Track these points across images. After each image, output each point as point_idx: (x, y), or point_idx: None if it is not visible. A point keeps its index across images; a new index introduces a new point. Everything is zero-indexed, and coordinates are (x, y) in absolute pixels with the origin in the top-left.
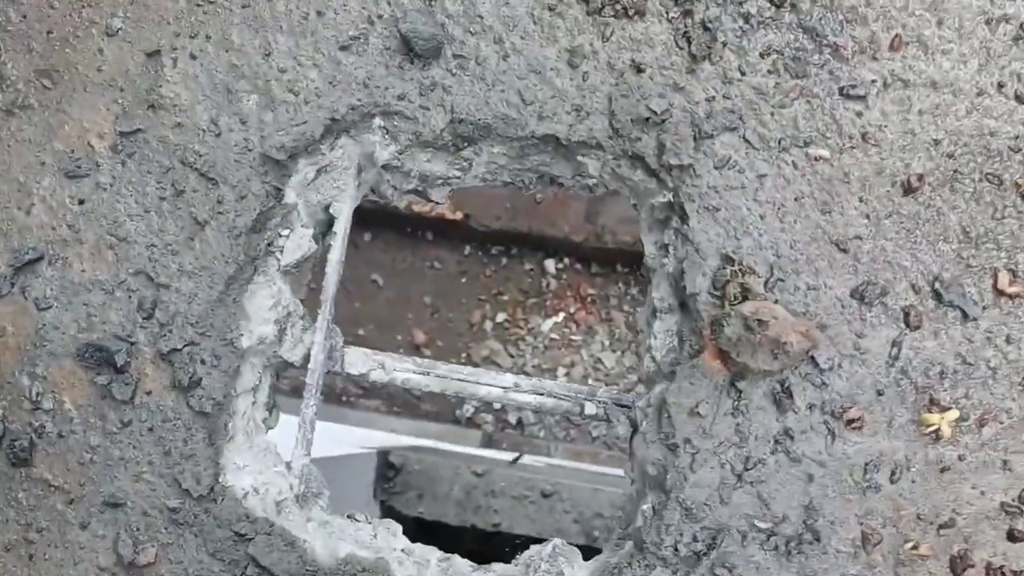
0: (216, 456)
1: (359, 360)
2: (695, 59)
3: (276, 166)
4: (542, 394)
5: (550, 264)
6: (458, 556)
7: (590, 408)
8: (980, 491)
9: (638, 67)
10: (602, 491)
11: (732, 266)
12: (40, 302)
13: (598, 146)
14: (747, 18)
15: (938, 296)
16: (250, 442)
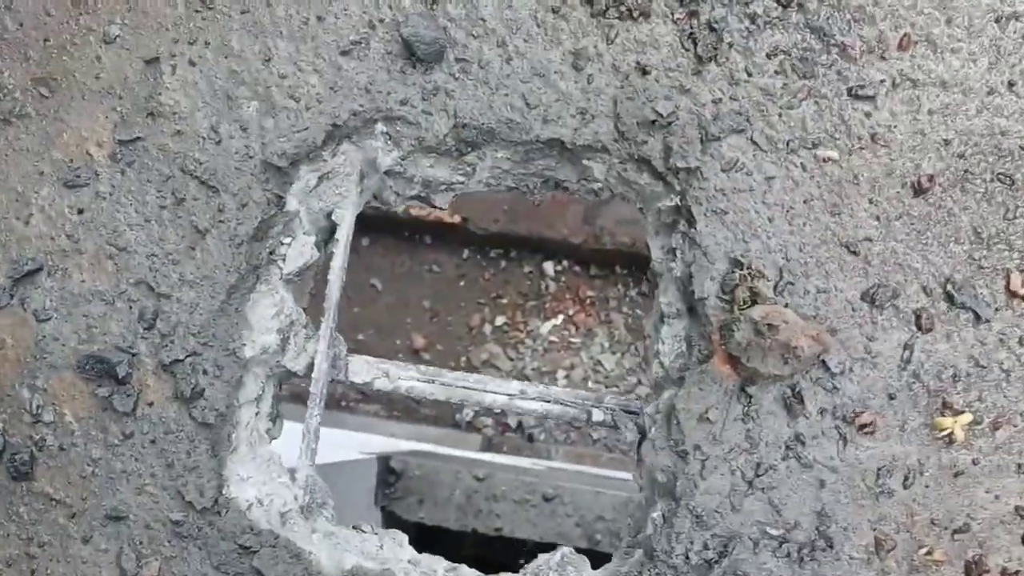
0: (219, 468)
1: (363, 369)
2: (701, 60)
3: (277, 173)
4: (548, 401)
5: (549, 267)
6: (465, 566)
7: (597, 415)
8: (994, 495)
9: (643, 69)
10: (604, 494)
11: (741, 270)
12: (40, 313)
13: (604, 150)
14: (753, 18)
15: (950, 298)
16: (254, 453)
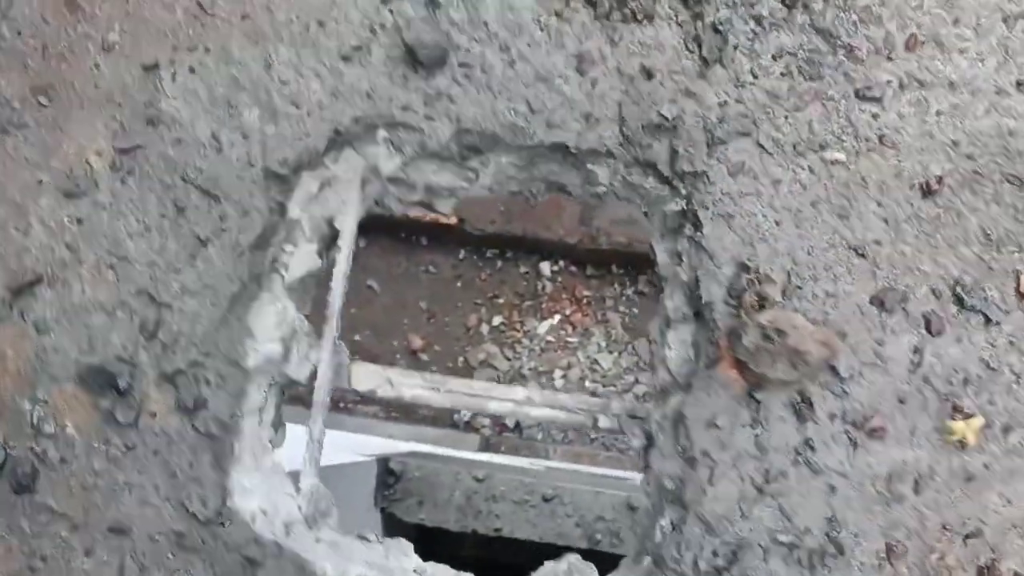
0: (223, 479)
1: (366, 376)
2: (706, 63)
3: (279, 181)
4: (554, 408)
5: (545, 267)
6: (472, 575)
7: (604, 421)
8: (1007, 499)
9: (648, 72)
10: (604, 494)
11: (748, 274)
12: (40, 325)
13: (608, 154)
14: (759, 20)
15: (960, 301)
16: (257, 463)
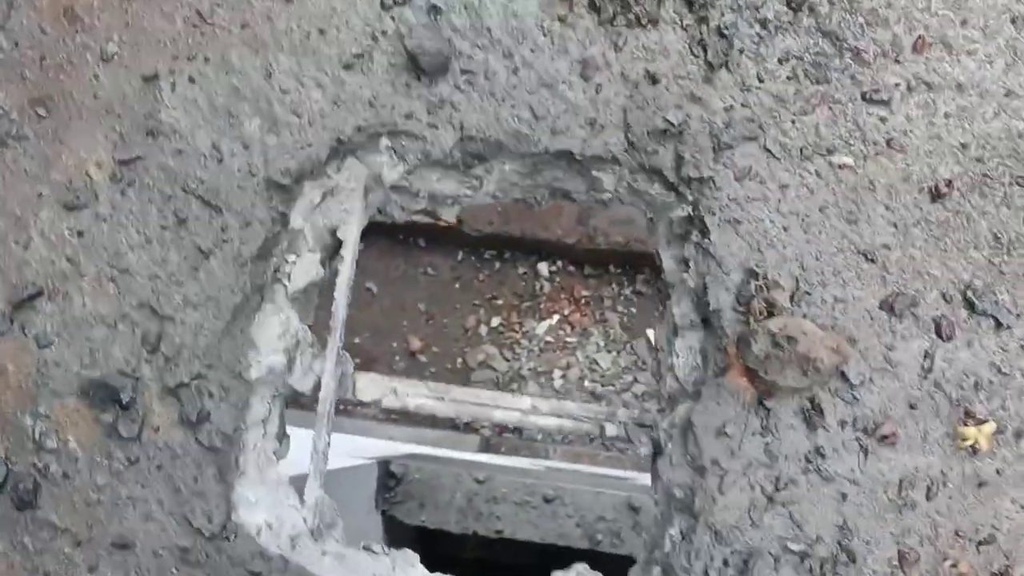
0: (227, 492)
1: (371, 387)
2: (712, 67)
3: (281, 191)
4: (561, 416)
5: (543, 267)
6: None
7: (611, 429)
8: (1020, 505)
9: (653, 77)
10: (604, 494)
11: (756, 280)
12: (41, 339)
13: (614, 160)
14: (764, 23)
15: (970, 305)
16: (262, 476)
